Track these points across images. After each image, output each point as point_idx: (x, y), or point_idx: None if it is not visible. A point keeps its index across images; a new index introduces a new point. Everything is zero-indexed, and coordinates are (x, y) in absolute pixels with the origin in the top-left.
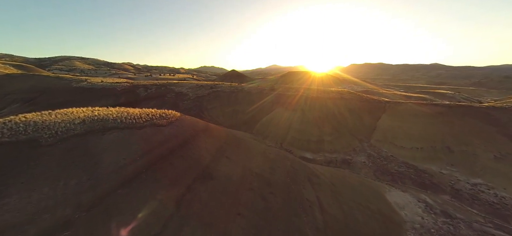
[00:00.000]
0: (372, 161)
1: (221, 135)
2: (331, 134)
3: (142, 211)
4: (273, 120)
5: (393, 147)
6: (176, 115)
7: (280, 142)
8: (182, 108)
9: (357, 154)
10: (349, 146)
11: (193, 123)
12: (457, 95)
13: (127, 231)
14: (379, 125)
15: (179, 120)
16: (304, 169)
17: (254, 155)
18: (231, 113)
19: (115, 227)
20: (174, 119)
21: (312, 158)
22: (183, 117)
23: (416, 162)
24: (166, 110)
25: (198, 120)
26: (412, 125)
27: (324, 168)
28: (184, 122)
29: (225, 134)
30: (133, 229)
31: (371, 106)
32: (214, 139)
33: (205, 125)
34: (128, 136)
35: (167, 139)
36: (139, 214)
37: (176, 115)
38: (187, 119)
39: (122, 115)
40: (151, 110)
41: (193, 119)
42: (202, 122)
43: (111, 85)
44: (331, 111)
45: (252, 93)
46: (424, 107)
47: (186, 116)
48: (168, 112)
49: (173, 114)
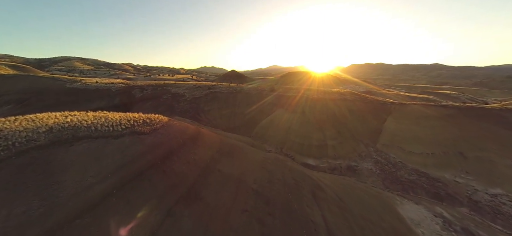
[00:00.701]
0: (380, 168)
1: (214, 143)
2: (334, 138)
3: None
4: (273, 122)
5: (401, 152)
6: (162, 120)
7: (281, 146)
8: (178, 110)
9: (363, 160)
10: (354, 151)
11: (181, 129)
12: (461, 95)
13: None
14: (385, 128)
15: (166, 127)
16: (307, 181)
17: (251, 166)
18: (229, 115)
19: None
20: (160, 125)
21: (315, 164)
22: (171, 123)
23: (427, 169)
24: (153, 114)
25: (188, 125)
26: (421, 129)
27: (329, 177)
28: (171, 129)
29: (218, 142)
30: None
31: (376, 107)
32: (205, 149)
33: (196, 131)
34: (101, 147)
35: (148, 150)
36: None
37: (163, 120)
38: (174, 125)
39: (99, 121)
40: (134, 115)
41: (182, 125)
42: (192, 127)
43: (106, 86)
44: (334, 113)
45: (251, 94)
46: (433, 109)
47: (174, 121)
48: (153, 117)
49: (159, 120)
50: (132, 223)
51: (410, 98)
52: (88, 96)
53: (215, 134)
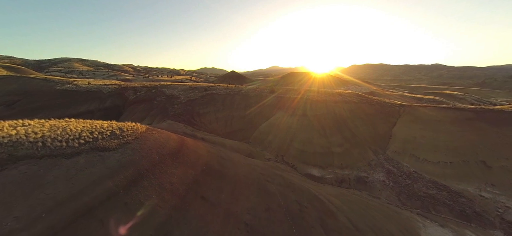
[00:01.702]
0: (393, 180)
1: (200, 159)
2: (340, 145)
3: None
4: (272, 126)
5: (415, 161)
6: (137, 130)
7: (282, 154)
8: (171, 113)
9: (374, 170)
10: (363, 159)
11: (160, 142)
12: (467, 96)
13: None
14: (396, 133)
15: (140, 139)
16: (314, 205)
17: (245, 189)
18: (226, 119)
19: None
20: (132, 137)
21: (320, 175)
22: (148, 134)
23: (447, 181)
24: (129, 122)
25: (169, 136)
26: (435, 134)
27: (338, 194)
28: (146, 142)
29: (205, 156)
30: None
31: (384, 110)
32: (188, 167)
33: (178, 144)
34: (43, 172)
35: (108, 173)
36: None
37: (138, 130)
38: (152, 137)
39: (53, 133)
40: (103, 124)
41: (162, 135)
42: (175, 138)
43: (98, 87)
44: (339, 116)
45: (250, 96)
46: (447, 112)
47: (154, 130)
48: (127, 126)
49: (133, 130)
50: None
51: (416, 100)
52: (77, 99)
53: (204, 145)
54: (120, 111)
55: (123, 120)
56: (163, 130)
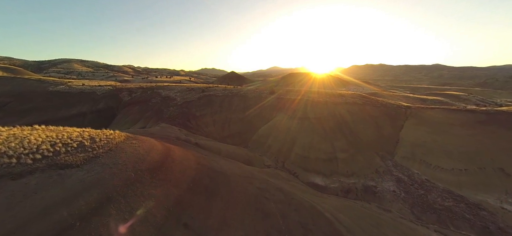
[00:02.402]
0: (405, 190)
1: (186, 173)
2: (345, 150)
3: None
4: (273, 130)
5: (426, 168)
6: (113, 140)
7: (282, 160)
8: (166, 115)
9: (382, 178)
10: (370, 166)
11: (139, 154)
12: (471, 97)
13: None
14: (403, 136)
15: (114, 152)
16: (320, 226)
17: (239, 210)
18: (224, 122)
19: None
20: (105, 150)
21: (324, 184)
22: (125, 144)
23: (463, 190)
24: (107, 130)
25: (153, 145)
26: (446, 138)
27: (346, 208)
28: (121, 155)
29: (193, 169)
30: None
31: (389, 112)
32: (170, 185)
33: (162, 155)
34: None
35: (65, 198)
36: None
37: (114, 140)
38: (130, 148)
39: (4, 146)
40: (72, 133)
41: (142, 146)
42: (159, 148)
43: (91, 89)
44: (342, 118)
45: (249, 97)
46: (457, 114)
47: (134, 140)
48: (100, 136)
49: (107, 140)
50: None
51: (420, 100)
52: (70, 100)
53: (194, 155)
54: (114, 113)
55: (116, 122)
56: (147, 138)
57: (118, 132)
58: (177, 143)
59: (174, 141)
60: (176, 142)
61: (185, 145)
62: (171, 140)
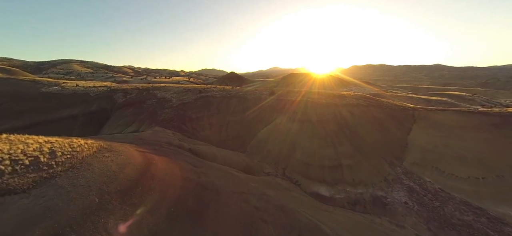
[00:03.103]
0: (418, 201)
1: (168, 195)
2: (351, 156)
3: None
4: (272, 133)
5: (439, 176)
6: (79, 154)
7: (283, 166)
8: (161, 117)
9: (392, 188)
10: (378, 173)
11: (110, 171)
12: (475, 97)
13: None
14: (412, 141)
15: (77, 169)
16: None
17: None
18: (221, 124)
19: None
20: (66, 167)
21: (329, 195)
22: (94, 159)
23: (482, 202)
24: (77, 140)
25: (130, 158)
26: (459, 142)
27: (354, 225)
28: (85, 173)
29: (178, 189)
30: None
31: (395, 114)
32: (145, 211)
33: (140, 171)
34: None
35: None
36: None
37: (81, 153)
38: (99, 163)
39: None
40: (29, 145)
41: (117, 160)
42: (138, 162)
43: (85, 90)
44: (346, 121)
45: (248, 99)
46: (470, 116)
47: (108, 152)
48: (64, 148)
49: (72, 154)
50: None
51: (425, 101)
52: (62, 102)
53: (180, 168)
54: (107, 115)
55: (109, 125)
56: (126, 149)
57: (90, 141)
58: (167, 150)
59: (164, 148)
60: (166, 149)
61: (175, 153)
62: (161, 147)
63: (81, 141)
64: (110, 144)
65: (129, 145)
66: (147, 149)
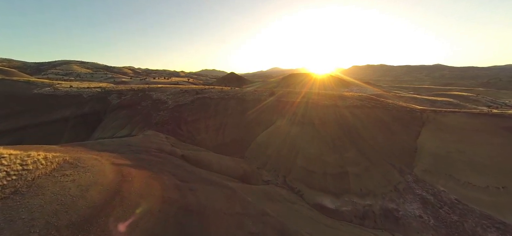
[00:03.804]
0: (434, 215)
1: (137, 229)
2: (357, 163)
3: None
4: (272, 137)
5: (454, 185)
6: (33, 172)
7: (284, 174)
8: (155, 120)
9: (404, 199)
10: (388, 182)
11: (65, 197)
12: (480, 97)
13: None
14: (422, 145)
15: (18, 197)
16: None
17: None
18: (218, 127)
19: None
20: (5, 194)
21: (334, 207)
22: (46, 182)
23: (505, 215)
24: (36, 153)
25: (99, 175)
26: (473, 147)
27: None
28: (30, 203)
29: (154, 216)
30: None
31: (402, 116)
32: None
33: (108, 193)
34: None
35: None
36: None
37: (35, 172)
38: (55, 186)
39: None
40: None
41: (77, 181)
42: (106, 179)
43: (78, 91)
44: (350, 124)
45: (247, 100)
46: (482, 119)
47: (72, 168)
48: (13, 165)
49: (23, 172)
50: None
51: (430, 102)
52: (54, 103)
53: (161, 184)
54: (100, 118)
55: (102, 128)
56: (97, 163)
57: (53, 155)
58: (154, 160)
59: (151, 157)
60: (154, 158)
61: (163, 163)
62: (149, 154)
63: (41, 154)
64: (78, 157)
65: (106, 156)
66: (128, 160)
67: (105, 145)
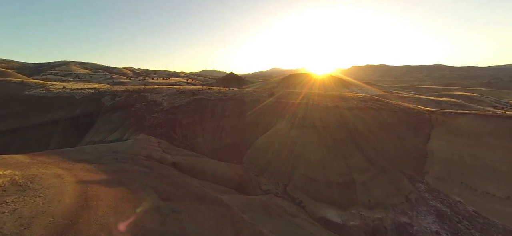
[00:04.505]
0: (452, 230)
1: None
2: (364, 170)
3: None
4: (272, 142)
5: (471, 194)
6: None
7: (284, 182)
8: (148, 123)
9: (417, 211)
10: (398, 192)
11: None
12: (484, 97)
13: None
14: (432, 150)
15: None
16: None
17: None
18: (215, 131)
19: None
20: None
21: (341, 221)
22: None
23: None
24: None
25: (54, 199)
26: (489, 152)
27: None
28: None
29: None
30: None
31: (410, 118)
32: None
33: (60, 228)
34: None
35: None
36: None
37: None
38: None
39: None
40: None
41: (19, 212)
42: (62, 206)
43: (70, 92)
44: (355, 128)
45: (246, 101)
46: (496, 121)
47: (16, 195)
48: None
49: None
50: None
51: (435, 103)
52: (44, 105)
53: (133, 209)
54: (93, 120)
55: (94, 131)
56: (56, 183)
57: (3, 173)
58: (139, 170)
59: (136, 166)
60: (138, 168)
61: (147, 175)
62: (135, 163)
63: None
64: (34, 175)
65: (76, 171)
66: (104, 174)
67: (86, 153)
